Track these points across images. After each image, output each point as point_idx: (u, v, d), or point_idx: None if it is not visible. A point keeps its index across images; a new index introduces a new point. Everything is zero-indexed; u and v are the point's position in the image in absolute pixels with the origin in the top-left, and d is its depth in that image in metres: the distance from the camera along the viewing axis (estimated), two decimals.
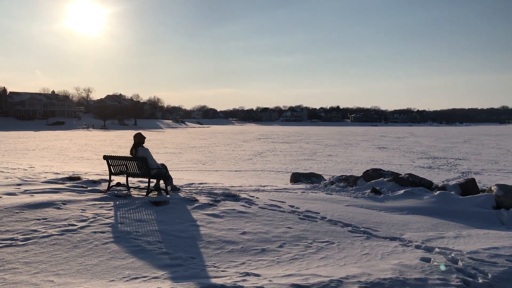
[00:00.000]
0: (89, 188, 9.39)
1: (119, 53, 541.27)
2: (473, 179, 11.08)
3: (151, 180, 9.37)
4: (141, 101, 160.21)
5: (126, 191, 9.23)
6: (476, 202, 9.35)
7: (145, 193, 9.12)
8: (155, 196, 8.91)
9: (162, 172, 9.43)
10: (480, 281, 5.14)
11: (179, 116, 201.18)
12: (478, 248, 6.43)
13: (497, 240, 7.00)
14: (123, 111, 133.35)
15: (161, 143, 47.17)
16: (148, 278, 4.74)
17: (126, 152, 31.06)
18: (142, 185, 10.40)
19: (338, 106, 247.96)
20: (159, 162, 9.95)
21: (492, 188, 9.81)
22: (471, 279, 5.15)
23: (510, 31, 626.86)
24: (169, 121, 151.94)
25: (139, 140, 9.64)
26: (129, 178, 9.69)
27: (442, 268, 5.43)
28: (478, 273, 5.39)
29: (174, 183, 11.03)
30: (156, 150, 35.28)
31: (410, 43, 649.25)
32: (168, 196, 8.91)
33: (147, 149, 9.63)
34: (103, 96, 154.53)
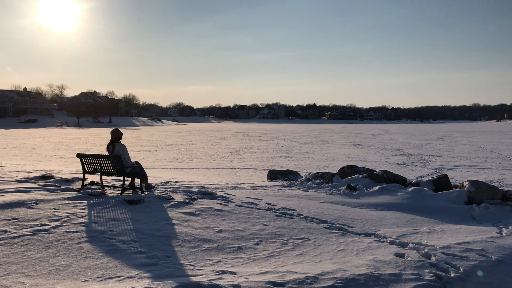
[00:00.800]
0: (62, 187, 9.21)
1: (94, 49, 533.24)
2: (446, 175, 11.29)
3: (126, 178, 9.25)
4: (116, 99, 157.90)
5: (101, 190, 9.10)
6: (448, 198, 9.54)
7: (119, 192, 9.01)
8: (130, 194, 8.80)
9: (136, 170, 9.32)
10: (452, 275, 5.24)
11: (155, 113, 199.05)
12: (451, 243, 6.56)
13: (469, 235, 7.16)
14: (97, 108, 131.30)
15: (137, 141, 46.66)
16: (123, 277, 4.68)
17: (101, 150, 30.63)
18: (117, 183, 10.26)
19: (314, 104, 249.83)
20: (134, 160, 9.84)
21: (464, 184, 10.02)
22: (443, 274, 5.25)
23: (482, 30, 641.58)
24: (145, 119, 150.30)
25: (116, 136, 9.48)
26: (104, 177, 9.55)
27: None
28: (450, 267, 5.50)
29: (150, 181, 10.92)
30: (132, 148, 34.89)
31: (384, 42, 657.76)
32: (143, 194, 8.82)
33: (124, 146, 9.50)
34: (77, 93, 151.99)
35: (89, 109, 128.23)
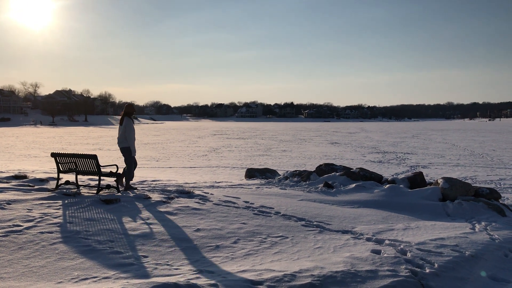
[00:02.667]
0: (36, 187, 9.03)
1: (69, 47, 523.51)
2: (421, 173, 11.48)
3: (104, 176, 9.12)
4: (91, 97, 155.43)
5: (76, 190, 8.95)
6: (423, 195, 9.70)
7: (95, 191, 8.87)
8: (106, 194, 8.68)
9: (133, 161, 9.45)
10: (427, 271, 5.34)
11: None
12: (426, 239, 6.67)
13: (443, 231, 7.29)
14: (72, 107, 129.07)
15: (113, 140, 46.00)
16: (99, 278, 4.61)
17: (76, 149, 30.14)
18: (93, 183, 10.10)
19: (292, 102, 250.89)
20: (111, 159, 9.70)
21: (439, 181, 10.20)
22: (418, 269, 5.34)
23: (455, 30, 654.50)
24: None
25: (127, 110, 9.68)
26: (79, 176, 9.40)
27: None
28: (426, 263, 5.59)
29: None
30: (108, 147, 34.42)
31: (360, 41, 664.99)
32: (119, 194, 8.71)
33: (130, 121, 9.56)
34: (51, 92, 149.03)
35: (64, 107, 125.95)
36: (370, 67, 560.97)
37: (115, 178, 9.38)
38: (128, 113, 9.65)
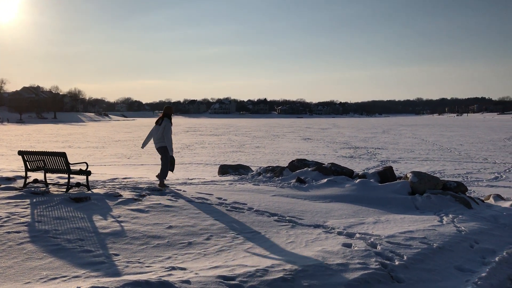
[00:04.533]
0: (2, 186, 8.78)
1: (36, 42, 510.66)
2: (391, 167, 11.70)
3: (71, 176, 8.95)
4: (60, 94, 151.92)
5: (44, 188, 8.75)
6: (393, 189, 9.88)
7: (65, 190, 8.70)
8: (76, 192, 8.52)
9: (172, 161, 9.78)
10: (397, 263, 5.45)
11: (102, 109, 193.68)
12: (395, 232, 6.81)
13: (412, 224, 7.46)
14: (41, 104, 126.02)
15: (83, 137, 45.19)
16: (68, 277, 4.53)
17: (45, 147, 29.44)
18: (62, 181, 9.90)
19: (265, 99, 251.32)
20: (81, 156, 9.54)
21: (408, 175, 10.41)
22: (388, 262, 5.45)
23: (424, 26, 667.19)
24: (92, 114, 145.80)
25: (166, 111, 10.05)
26: (48, 174, 9.20)
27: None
28: (395, 255, 5.71)
29: (97, 178, 10.66)
30: (78, 145, 33.78)
31: (332, 37, 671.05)
32: (89, 192, 8.57)
33: (169, 122, 9.83)
34: (18, 88, 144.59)
35: (32, 104, 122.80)
36: (342, 63, 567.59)
37: (85, 176, 9.22)
38: (167, 115, 9.94)
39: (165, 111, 10.02)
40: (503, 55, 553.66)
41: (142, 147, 10.18)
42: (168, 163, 9.79)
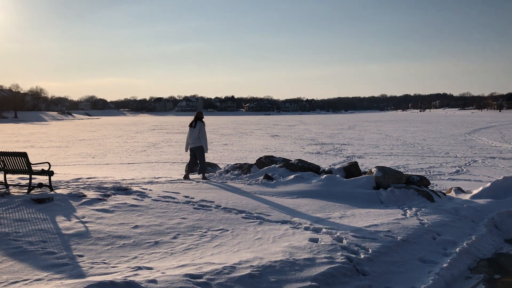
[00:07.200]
0: None
1: None
2: (356, 163, 11.89)
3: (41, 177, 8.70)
4: (21, 92, 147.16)
5: (4, 189, 8.48)
6: (358, 184, 10.05)
7: (26, 191, 8.45)
8: (38, 193, 8.29)
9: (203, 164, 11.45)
10: (362, 256, 5.55)
11: (65, 107, 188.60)
12: (361, 226, 6.93)
13: (377, 218, 7.61)
14: (0, 102, 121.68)
15: (46, 137, 43.96)
16: (30, 280, 4.41)
17: (5, 147, 28.48)
18: (24, 182, 9.61)
19: (233, 96, 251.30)
20: (43, 156, 9.29)
21: (372, 170, 10.61)
22: (354, 256, 5.54)
23: (385, 24, 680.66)
24: (54, 113, 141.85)
25: (198, 116, 11.70)
26: (8, 175, 8.92)
27: None
28: (360, 249, 5.82)
29: (60, 178, 10.42)
30: (40, 145, 32.85)
31: (298, 34, 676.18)
32: (52, 192, 8.35)
33: (204, 124, 11.54)
34: None
35: None
36: (308, 60, 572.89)
37: (47, 177, 8.98)
38: (199, 118, 11.56)
39: (197, 115, 11.68)
40: (463, 52, 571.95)
41: (186, 150, 11.69)
42: (204, 160, 11.47)
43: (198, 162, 11.60)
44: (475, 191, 10.35)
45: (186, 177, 11.33)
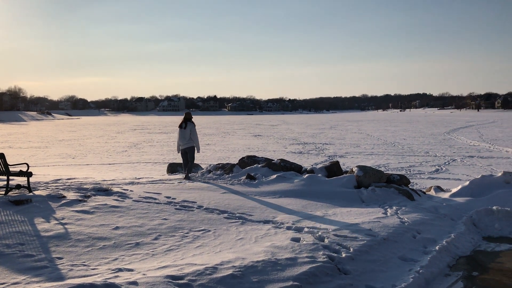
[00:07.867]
0: None
1: None
2: (337, 162, 11.96)
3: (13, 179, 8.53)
4: None
5: None
6: (340, 183, 10.11)
7: (3, 192, 8.29)
8: (16, 194, 8.13)
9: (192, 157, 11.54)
10: (343, 255, 5.58)
11: (44, 107, 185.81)
12: (342, 225, 6.97)
13: (358, 217, 7.66)
14: None
15: (25, 137, 43.22)
16: (7, 284, 4.32)
17: None
18: (1, 183, 9.42)
19: (215, 96, 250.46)
20: (22, 157, 9.13)
21: (354, 169, 10.69)
22: (335, 255, 5.57)
23: (365, 24, 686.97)
24: (34, 113, 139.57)
25: (188, 116, 11.74)
26: None
27: None
28: (342, 248, 5.85)
29: (39, 179, 10.25)
30: (19, 145, 32.28)
31: (279, 34, 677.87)
32: (31, 194, 8.20)
33: (194, 125, 11.64)
34: None
35: None
36: (290, 60, 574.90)
37: (25, 178, 8.81)
38: (188, 119, 11.61)
39: (186, 116, 11.69)
40: (442, 53, 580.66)
41: (178, 151, 11.81)
42: (194, 160, 11.68)
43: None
44: (454, 190, 10.52)
45: (186, 177, 11.28)
